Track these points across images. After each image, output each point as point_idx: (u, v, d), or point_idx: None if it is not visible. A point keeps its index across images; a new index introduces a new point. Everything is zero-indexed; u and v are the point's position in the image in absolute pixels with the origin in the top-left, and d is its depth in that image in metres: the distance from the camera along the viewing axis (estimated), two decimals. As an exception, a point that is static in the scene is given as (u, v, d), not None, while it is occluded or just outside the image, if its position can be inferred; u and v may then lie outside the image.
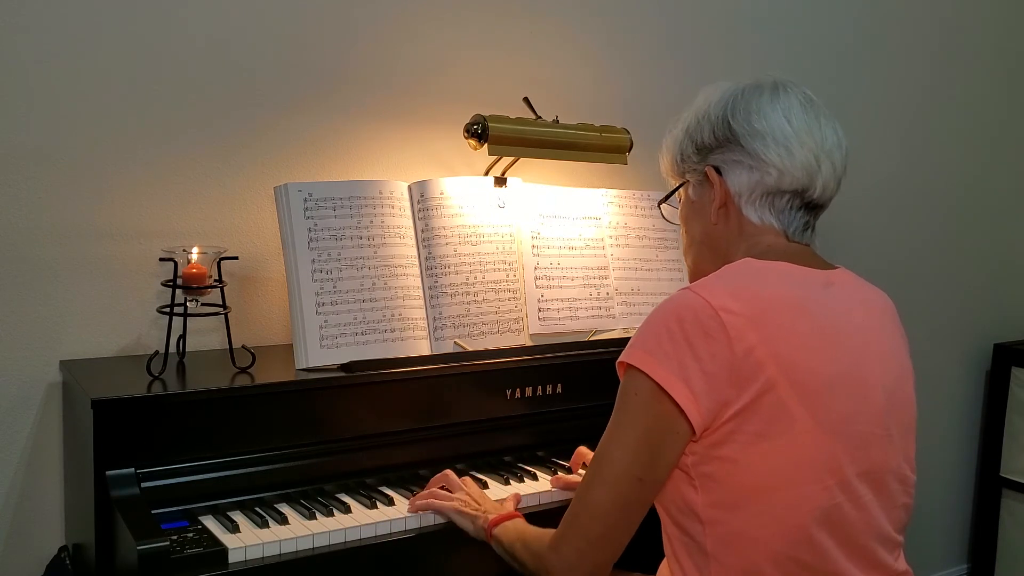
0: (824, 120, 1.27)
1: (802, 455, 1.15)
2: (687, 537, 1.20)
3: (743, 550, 1.16)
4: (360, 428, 1.60)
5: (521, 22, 2.09)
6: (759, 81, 1.29)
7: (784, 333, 1.16)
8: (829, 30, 2.62)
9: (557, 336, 1.85)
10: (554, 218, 1.90)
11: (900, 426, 1.25)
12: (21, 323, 1.64)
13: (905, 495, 1.27)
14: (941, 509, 3.14)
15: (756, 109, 1.26)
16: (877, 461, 1.21)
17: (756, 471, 1.15)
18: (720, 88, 1.31)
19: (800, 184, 1.25)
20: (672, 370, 1.14)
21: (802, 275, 1.24)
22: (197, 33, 1.74)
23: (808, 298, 1.21)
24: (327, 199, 1.64)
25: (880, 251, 2.81)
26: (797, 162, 1.24)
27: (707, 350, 1.14)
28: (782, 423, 1.14)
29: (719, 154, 1.28)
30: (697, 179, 1.33)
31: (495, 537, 1.38)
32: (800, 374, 1.15)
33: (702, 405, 1.14)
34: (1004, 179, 3.13)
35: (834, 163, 1.26)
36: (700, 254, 1.36)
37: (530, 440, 1.78)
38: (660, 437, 1.16)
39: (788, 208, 1.27)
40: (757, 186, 1.26)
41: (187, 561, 1.29)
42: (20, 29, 1.59)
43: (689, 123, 1.33)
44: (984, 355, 3.12)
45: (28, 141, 1.62)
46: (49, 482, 1.69)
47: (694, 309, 1.16)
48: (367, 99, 1.92)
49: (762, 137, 1.24)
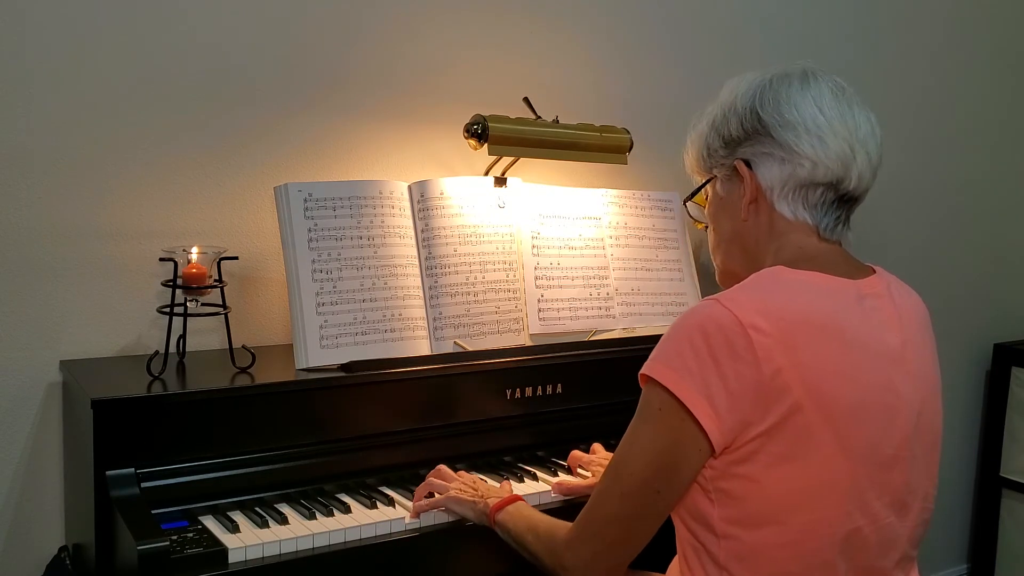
0: (857, 108, 1.22)
1: (824, 480, 1.12)
2: (699, 544, 1.19)
3: (757, 567, 1.14)
4: (360, 428, 1.60)
5: (521, 22, 2.09)
6: (787, 70, 1.24)
7: (813, 356, 1.12)
8: (831, 30, 2.62)
9: (557, 336, 1.85)
10: (554, 218, 1.90)
11: (925, 446, 1.23)
12: (21, 323, 1.64)
13: (926, 511, 1.25)
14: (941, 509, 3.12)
15: (786, 99, 1.20)
16: (901, 484, 1.19)
17: (776, 492, 1.12)
18: (747, 79, 1.26)
19: (835, 175, 1.20)
20: (695, 387, 1.11)
21: (835, 288, 1.19)
22: (197, 33, 1.74)
23: (840, 316, 1.16)
24: (327, 199, 1.64)
25: (880, 251, 2.81)
26: (831, 152, 1.19)
27: (733, 369, 1.10)
28: (806, 447, 1.11)
29: (748, 147, 1.23)
30: (725, 174, 1.27)
31: (499, 523, 1.37)
32: (827, 399, 1.11)
33: (724, 424, 1.11)
34: (1004, 179, 3.13)
35: (869, 152, 1.21)
36: (729, 253, 1.31)
37: (530, 440, 1.78)
38: (680, 452, 1.13)
39: (822, 202, 1.22)
40: (790, 179, 1.21)
41: (187, 561, 1.29)
42: (20, 29, 1.59)
43: (715, 116, 1.27)
44: (984, 355, 3.12)
45: (28, 141, 1.62)
46: (49, 482, 1.69)
47: (721, 324, 1.11)
48: (367, 99, 1.92)
49: (794, 127, 1.19)
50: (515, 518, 1.36)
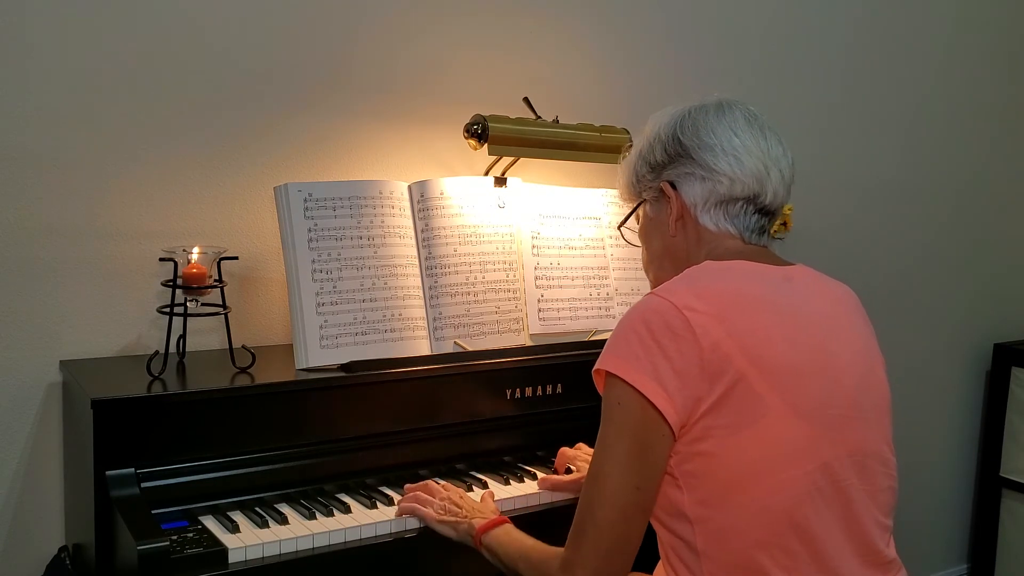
0: (768, 132, 1.34)
1: (778, 442, 1.17)
2: (678, 539, 1.22)
3: (732, 544, 1.18)
4: (360, 428, 1.60)
5: (521, 22, 2.09)
6: (704, 101, 1.36)
7: (749, 325, 1.20)
8: (829, 31, 2.62)
9: (557, 336, 1.85)
10: (554, 218, 1.90)
11: (875, 408, 1.28)
12: (21, 323, 1.64)
13: (889, 477, 1.29)
14: (941, 509, 3.14)
15: (703, 124, 1.33)
16: (856, 444, 1.24)
17: (735, 463, 1.17)
18: (668, 112, 1.39)
19: (751, 190, 1.31)
20: (645, 371, 1.18)
21: (761, 271, 1.29)
22: (197, 33, 1.74)
23: (769, 291, 1.26)
24: (327, 199, 1.64)
25: (880, 251, 2.81)
26: (747, 170, 1.30)
27: (676, 348, 1.17)
28: (755, 412, 1.17)
29: (672, 169, 1.35)
30: (653, 196, 1.39)
31: (486, 545, 1.38)
32: (768, 363, 1.18)
33: (676, 403, 1.17)
34: (1004, 179, 3.13)
35: (782, 171, 1.33)
36: (661, 267, 1.41)
37: (530, 440, 1.78)
38: (647, 442, 1.18)
39: (742, 213, 1.33)
40: (711, 195, 1.32)
41: (187, 561, 1.29)
42: (20, 29, 1.59)
43: (642, 146, 1.40)
44: (984, 355, 3.12)
45: (28, 141, 1.62)
46: (49, 482, 1.69)
47: (659, 311, 1.20)
48: (367, 99, 1.92)
49: (711, 149, 1.31)
50: (504, 543, 1.37)
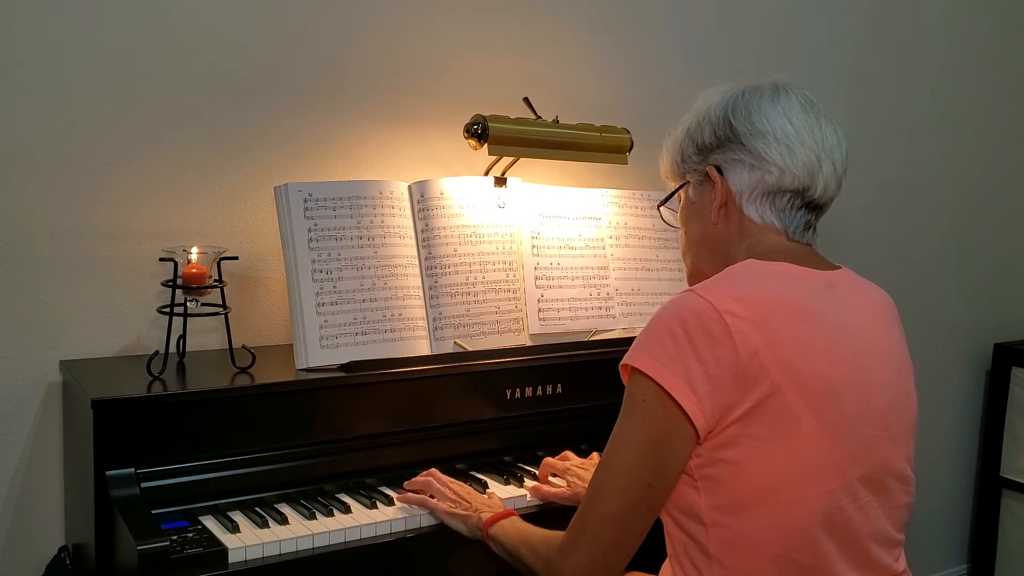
0: (824, 121, 1.27)
1: (806, 458, 1.15)
2: (689, 538, 1.20)
3: (745, 553, 1.16)
4: (360, 428, 1.60)
5: (521, 22, 2.09)
6: (759, 83, 1.30)
7: (788, 337, 1.15)
8: (831, 31, 2.62)
9: (557, 336, 1.85)
10: (554, 218, 1.90)
11: (901, 427, 1.25)
12: (21, 323, 1.64)
13: (906, 494, 1.27)
14: (941, 509, 3.14)
15: (757, 109, 1.26)
16: (879, 463, 1.21)
17: (760, 474, 1.14)
18: (720, 90, 1.32)
19: (801, 183, 1.25)
20: (676, 373, 1.14)
21: (804, 276, 1.24)
22: (197, 32, 1.73)
23: (811, 300, 1.21)
24: (327, 199, 1.64)
25: (881, 251, 2.81)
26: (798, 161, 1.24)
27: (711, 354, 1.13)
28: (787, 426, 1.14)
29: (720, 153, 1.29)
30: (698, 179, 1.33)
31: (492, 537, 1.38)
32: (805, 378, 1.14)
33: (706, 408, 1.13)
34: (1004, 179, 3.13)
35: (835, 163, 1.27)
36: (699, 255, 1.36)
37: (530, 440, 1.78)
38: (667, 442, 1.15)
39: (789, 207, 1.27)
40: (758, 185, 1.26)
41: (187, 561, 1.29)
42: (19, 29, 1.59)
43: (690, 124, 1.33)
44: (984, 355, 3.12)
45: (28, 141, 1.62)
46: (49, 482, 1.69)
47: (697, 311, 1.15)
48: (367, 99, 1.92)
49: (763, 136, 1.25)
50: (508, 532, 1.36)
